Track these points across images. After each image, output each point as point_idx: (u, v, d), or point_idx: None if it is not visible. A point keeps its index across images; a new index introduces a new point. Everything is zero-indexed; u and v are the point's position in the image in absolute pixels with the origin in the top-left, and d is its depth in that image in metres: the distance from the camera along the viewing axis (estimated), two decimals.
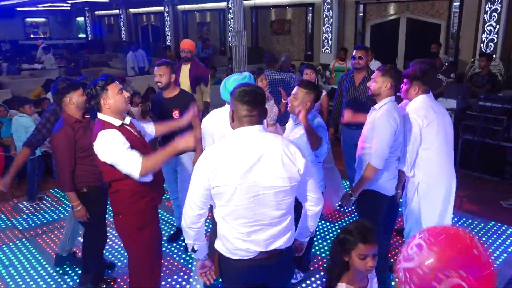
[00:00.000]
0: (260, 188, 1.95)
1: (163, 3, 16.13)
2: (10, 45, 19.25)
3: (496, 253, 3.92)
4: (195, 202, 2.03)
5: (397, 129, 2.83)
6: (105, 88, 2.53)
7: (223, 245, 2.09)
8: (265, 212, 1.99)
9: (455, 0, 9.12)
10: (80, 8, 21.50)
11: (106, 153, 2.46)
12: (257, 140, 1.97)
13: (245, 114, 1.97)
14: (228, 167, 1.93)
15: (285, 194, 2.00)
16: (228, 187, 1.94)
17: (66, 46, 19.71)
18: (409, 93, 3.08)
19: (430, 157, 3.04)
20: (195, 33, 16.03)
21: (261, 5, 13.39)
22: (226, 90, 2.78)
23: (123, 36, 19.08)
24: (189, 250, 2.19)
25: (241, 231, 2.00)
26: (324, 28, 11.20)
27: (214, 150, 2.01)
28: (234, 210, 1.98)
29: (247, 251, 2.03)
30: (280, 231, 2.05)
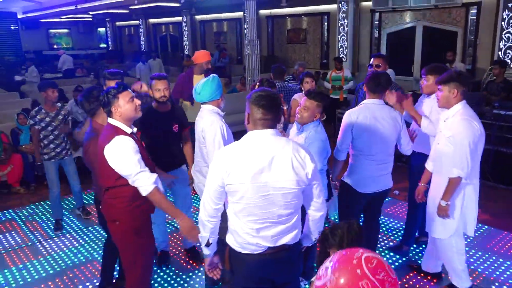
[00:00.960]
0: (270, 188, 2.05)
1: (182, 13, 16.41)
2: (34, 55, 19.85)
3: (506, 264, 3.83)
4: (211, 198, 2.17)
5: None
6: (116, 96, 2.60)
7: (235, 240, 2.20)
8: (274, 211, 2.10)
9: (472, 7, 9.03)
10: (101, 19, 22.06)
11: (117, 163, 2.52)
12: (270, 143, 2.08)
13: (259, 117, 2.08)
14: (241, 167, 2.04)
15: (293, 196, 2.11)
16: (240, 185, 2.05)
17: (88, 56, 20.21)
18: (448, 98, 2.99)
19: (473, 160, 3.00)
20: (212, 43, 16.24)
21: (277, 14, 13.49)
22: (196, 93, 3.14)
23: (143, 46, 19.46)
24: (203, 244, 2.29)
25: (251, 227, 2.12)
26: (339, 36, 11.21)
27: (228, 150, 2.13)
28: (245, 208, 2.10)
29: (256, 245, 2.15)
30: (287, 228, 2.17)
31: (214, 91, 3.10)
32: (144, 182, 2.51)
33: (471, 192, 3.10)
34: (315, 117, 3.03)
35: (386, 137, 3.17)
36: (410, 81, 9.92)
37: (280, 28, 13.72)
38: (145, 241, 2.82)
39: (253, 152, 2.06)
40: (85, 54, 20.77)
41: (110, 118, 2.66)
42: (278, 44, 13.88)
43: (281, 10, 13.10)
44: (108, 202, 2.71)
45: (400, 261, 3.92)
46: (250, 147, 2.08)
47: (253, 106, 2.10)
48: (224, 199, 2.18)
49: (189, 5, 14.23)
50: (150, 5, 13.63)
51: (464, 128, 2.89)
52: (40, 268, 3.96)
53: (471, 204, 3.12)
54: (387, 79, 3.23)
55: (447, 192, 3.01)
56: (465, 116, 2.93)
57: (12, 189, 5.93)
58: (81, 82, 11.67)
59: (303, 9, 12.52)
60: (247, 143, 2.10)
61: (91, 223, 4.86)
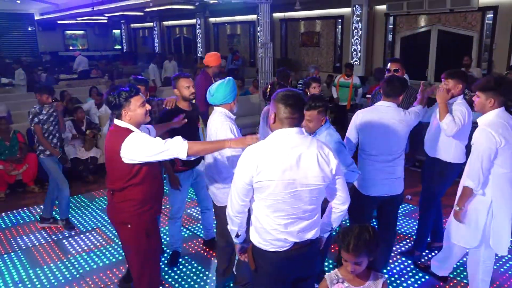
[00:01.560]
0: (298, 185, 2.13)
1: (196, 15, 16.52)
2: (50, 56, 20.15)
3: None
4: (239, 195, 2.23)
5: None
6: (128, 100, 2.60)
7: (261, 237, 2.26)
8: (301, 207, 2.18)
9: (489, 12, 8.93)
10: (116, 21, 22.29)
11: (143, 150, 2.51)
12: (297, 141, 2.15)
13: (286, 116, 2.14)
14: (270, 164, 2.11)
15: (318, 192, 2.20)
16: (270, 182, 2.11)
17: (103, 57, 20.45)
18: (484, 106, 2.91)
19: (502, 174, 2.89)
20: (225, 45, 16.31)
21: (290, 18, 13.50)
22: (209, 94, 3.14)
23: (156, 48, 19.63)
24: (233, 236, 2.42)
25: (279, 223, 2.19)
26: (353, 40, 11.17)
27: (257, 148, 2.18)
28: (274, 204, 2.16)
29: (284, 241, 2.22)
30: (311, 223, 2.26)
31: (227, 94, 3.10)
32: (176, 146, 2.52)
33: (500, 207, 2.95)
34: (322, 122, 3.03)
35: (392, 139, 3.17)
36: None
37: (294, 31, 13.72)
38: (154, 243, 2.85)
39: (281, 150, 2.12)
40: (100, 55, 21.01)
41: (118, 120, 2.64)
42: (291, 47, 13.88)
43: (294, 13, 13.10)
44: (117, 206, 2.71)
45: (412, 266, 3.88)
46: (278, 145, 2.14)
47: (280, 105, 2.15)
48: (250, 196, 2.23)
49: (203, 7, 14.30)
50: (165, 7, 13.74)
51: (483, 139, 2.82)
52: (65, 270, 4.02)
53: (502, 221, 2.97)
54: (402, 83, 3.23)
55: (460, 198, 2.99)
56: (488, 127, 2.83)
57: (27, 188, 6.03)
58: (95, 83, 11.81)
59: (317, 12, 12.51)
60: (275, 141, 2.16)
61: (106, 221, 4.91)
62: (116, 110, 2.62)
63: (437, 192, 3.76)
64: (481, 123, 2.91)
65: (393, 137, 3.18)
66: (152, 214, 2.78)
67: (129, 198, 2.66)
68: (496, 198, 2.93)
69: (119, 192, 2.68)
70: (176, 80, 3.65)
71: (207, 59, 5.44)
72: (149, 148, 2.52)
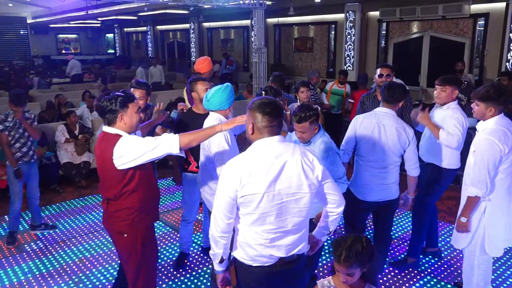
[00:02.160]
0: (284, 195, 2.05)
1: (189, 20, 16.53)
2: (43, 60, 20.04)
3: None
4: (223, 213, 2.11)
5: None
6: (126, 105, 2.56)
7: (244, 253, 2.16)
8: (288, 219, 2.11)
9: (480, 18, 9.04)
10: (109, 25, 22.26)
11: (135, 150, 2.46)
12: (279, 149, 2.07)
13: (265, 125, 2.06)
14: (254, 177, 2.02)
15: (306, 201, 2.12)
16: (255, 195, 2.03)
17: (96, 61, 20.38)
18: (484, 114, 2.92)
19: (499, 180, 2.91)
20: (219, 50, 16.33)
21: (284, 23, 13.56)
22: (205, 99, 3.11)
23: (150, 52, 19.60)
24: (216, 261, 2.24)
25: (265, 237, 2.10)
26: (346, 45, 11.23)
27: (239, 161, 2.09)
28: (260, 218, 2.07)
29: (269, 257, 2.13)
30: (299, 237, 2.18)
31: (224, 100, 3.06)
32: (167, 140, 2.49)
33: (494, 210, 2.97)
34: (315, 131, 2.98)
35: (389, 146, 3.18)
36: (416, 91, 9.90)
37: (287, 36, 13.78)
38: (151, 252, 2.80)
39: (264, 160, 2.03)
40: (93, 59, 20.95)
41: (107, 127, 2.59)
42: (285, 52, 13.93)
43: (288, 19, 13.15)
44: (112, 215, 2.67)
45: (407, 271, 3.89)
46: (261, 155, 2.05)
47: (258, 114, 2.07)
48: (235, 212, 2.13)
49: (197, 12, 14.32)
50: (159, 12, 13.75)
51: (486, 147, 2.82)
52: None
53: (496, 224, 2.99)
54: (402, 91, 3.26)
55: (465, 209, 2.95)
56: (490, 135, 2.83)
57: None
58: (88, 87, 11.76)
59: (311, 18, 12.57)
60: (258, 152, 2.07)
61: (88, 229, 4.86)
62: (112, 115, 2.55)
63: (432, 198, 3.78)
64: (482, 131, 2.91)
65: (392, 146, 3.18)
66: (148, 222, 2.74)
67: (124, 207, 2.61)
68: (491, 201, 2.95)
69: (114, 201, 2.63)
70: (193, 84, 3.64)
71: (198, 66, 5.15)
72: (141, 147, 2.47)
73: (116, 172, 2.52)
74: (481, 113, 2.93)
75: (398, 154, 3.24)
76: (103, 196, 2.73)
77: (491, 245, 3.02)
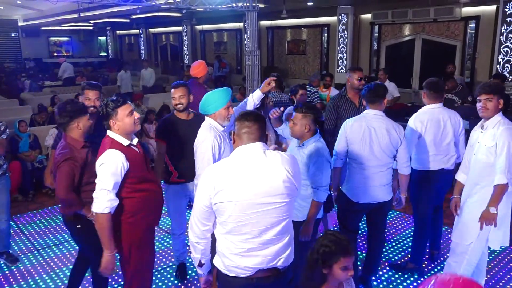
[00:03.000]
0: (260, 205, 1.98)
1: (182, 23, 16.51)
2: (34, 63, 19.89)
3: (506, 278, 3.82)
4: (199, 219, 2.09)
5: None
6: (115, 110, 2.57)
7: (222, 262, 2.11)
8: (265, 229, 2.02)
9: (471, 21, 9.13)
10: (102, 28, 22.13)
11: (100, 173, 2.50)
12: (258, 157, 2.02)
13: (244, 131, 2.06)
14: (228, 184, 1.97)
15: (284, 210, 2.05)
16: (228, 203, 1.97)
17: (88, 64, 20.27)
18: (497, 108, 2.98)
19: None
20: (212, 52, 16.32)
21: (277, 26, 13.59)
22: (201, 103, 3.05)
23: (143, 55, 19.54)
24: (196, 264, 2.24)
25: (241, 247, 2.03)
26: (339, 48, 11.28)
27: (215, 168, 2.07)
28: (235, 227, 2.01)
29: (244, 269, 2.05)
30: (279, 249, 2.08)
31: (210, 104, 3.00)
32: (101, 200, 2.47)
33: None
34: (306, 129, 2.95)
35: (381, 148, 3.18)
36: (409, 93, 9.97)
37: (280, 39, 13.81)
38: (146, 255, 2.80)
39: (241, 167, 2.00)
40: (85, 62, 20.82)
41: (108, 131, 2.64)
42: (278, 55, 13.96)
43: (281, 22, 13.19)
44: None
45: (400, 273, 3.90)
46: (238, 163, 2.02)
47: (238, 122, 2.09)
48: (213, 220, 2.10)
49: (190, 15, 14.31)
50: (152, 14, 13.72)
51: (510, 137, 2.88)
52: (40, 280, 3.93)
53: (502, 215, 3.01)
54: (383, 88, 3.30)
55: (495, 199, 2.91)
56: (508, 124, 2.93)
57: (10, 196, 5.88)
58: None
59: (303, 20, 12.62)
60: (235, 159, 2.05)
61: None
62: (105, 120, 2.60)
63: (427, 203, 3.73)
64: (496, 125, 2.94)
65: (384, 147, 3.19)
66: (143, 225, 2.73)
67: (119, 209, 2.61)
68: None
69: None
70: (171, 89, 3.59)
71: (194, 71, 5.07)
72: (99, 176, 2.51)
73: None
74: (495, 107, 2.95)
75: (390, 155, 3.25)
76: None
77: (494, 236, 3.05)
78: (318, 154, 2.93)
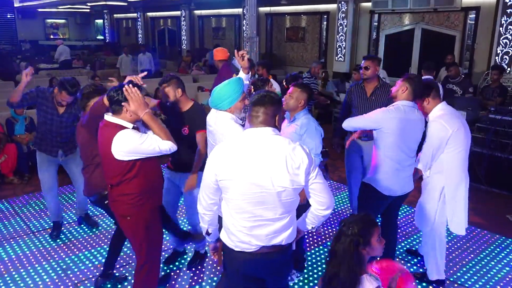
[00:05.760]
0: (263, 187, 2.04)
1: (180, 7, 16.35)
2: (30, 45, 19.68)
3: (498, 266, 3.88)
4: (206, 193, 2.22)
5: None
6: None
7: (228, 237, 2.22)
8: (267, 209, 2.09)
9: (471, 12, 9.09)
10: (99, 11, 21.91)
11: (132, 147, 2.54)
12: (265, 140, 2.07)
13: (254, 114, 2.12)
14: (233, 163, 2.06)
15: (287, 195, 2.07)
16: (231, 182, 2.07)
17: (84, 47, 20.08)
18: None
19: (454, 160, 3.21)
20: (210, 38, 16.21)
21: (276, 12, 13.48)
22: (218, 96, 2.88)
23: (140, 39, 19.38)
24: (204, 233, 2.39)
25: (243, 225, 2.12)
26: (338, 36, 11.23)
27: (223, 147, 2.16)
28: (238, 205, 2.11)
29: (249, 243, 2.15)
30: (281, 227, 2.15)
31: (222, 100, 2.86)
32: (166, 144, 2.60)
33: (451, 189, 3.26)
34: (300, 103, 3.17)
35: (414, 140, 3.20)
36: None
37: (279, 26, 13.71)
38: (155, 235, 2.90)
39: (247, 148, 2.06)
40: (81, 45, 20.62)
41: (111, 116, 2.63)
42: (277, 42, 13.87)
43: (280, 8, 13.10)
44: (117, 199, 2.76)
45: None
46: (245, 143, 2.09)
47: (250, 105, 2.17)
48: (219, 195, 2.20)
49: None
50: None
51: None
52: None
53: (454, 202, 3.26)
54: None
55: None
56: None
57: (6, 179, 5.89)
58: (77, 73, 11.61)
59: (303, 7, 12.52)
60: (242, 140, 2.12)
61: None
62: (117, 105, 2.60)
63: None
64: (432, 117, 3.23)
65: (416, 136, 3.20)
66: (150, 206, 2.81)
67: (126, 192, 2.70)
68: (448, 182, 3.24)
69: (116, 186, 2.72)
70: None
71: (224, 55, 5.75)
72: (138, 145, 2.55)
73: (115, 161, 2.61)
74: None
75: (417, 146, 3.27)
76: (106, 181, 2.80)
77: (455, 223, 3.31)
78: (309, 124, 3.14)
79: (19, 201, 5.26)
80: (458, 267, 3.86)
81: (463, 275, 3.73)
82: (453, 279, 3.68)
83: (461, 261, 3.96)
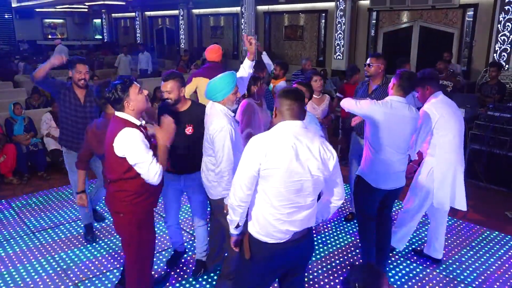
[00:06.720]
0: (303, 175, 2.23)
1: (179, 6, 16.32)
2: (28, 45, 19.65)
3: (497, 263, 3.89)
4: (245, 184, 2.28)
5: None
6: (126, 91, 2.60)
7: (261, 228, 2.32)
8: (303, 196, 2.28)
9: (469, 9, 9.09)
10: (97, 10, 21.87)
11: (130, 151, 2.55)
12: (301, 133, 2.27)
13: (286, 108, 2.28)
14: (278, 152, 2.20)
15: (320, 182, 2.31)
16: (277, 170, 2.20)
17: (83, 47, 20.04)
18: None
19: (444, 145, 3.49)
20: (208, 37, 16.18)
21: (274, 11, 13.47)
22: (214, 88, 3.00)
23: (138, 39, 19.34)
24: (232, 227, 2.45)
25: (282, 212, 2.27)
26: (336, 34, 11.22)
27: (263, 137, 2.28)
28: (280, 192, 2.24)
29: (285, 233, 2.30)
30: (311, 212, 2.37)
31: (216, 92, 2.97)
32: (150, 173, 2.59)
33: (442, 171, 3.54)
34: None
35: (404, 135, 3.23)
36: None
37: (278, 24, 13.70)
38: (147, 235, 2.88)
39: (287, 139, 2.22)
40: (80, 45, 20.58)
41: (118, 112, 2.65)
42: (275, 41, 13.86)
43: (279, 7, 13.08)
44: (113, 194, 2.76)
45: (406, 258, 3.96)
46: (284, 135, 2.24)
47: (281, 99, 2.30)
48: (255, 185, 2.29)
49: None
50: None
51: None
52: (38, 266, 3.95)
53: (444, 182, 3.55)
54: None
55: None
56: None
57: (5, 179, 5.89)
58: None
59: (301, 6, 12.50)
60: (281, 132, 2.26)
61: None
62: (118, 104, 2.62)
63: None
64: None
65: (405, 133, 3.22)
66: (145, 206, 2.80)
67: (124, 189, 2.69)
68: (440, 164, 3.53)
69: (114, 182, 2.72)
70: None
71: (214, 54, 5.11)
72: (132, 154, 2.56)
73: (116, 157, 2.61)
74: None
75: (409, 142, 3.32)
76: (106, 175, 2.82)
77: (440, 201, 3.61)
78: (311, 120, 3.37)
79: (19, 202, 5.26)
80: (457, 264, 3.87)
81: (462, 272, 3.74)
82: (452, 276, 3.69)
83: (460, 258, 3.98)
